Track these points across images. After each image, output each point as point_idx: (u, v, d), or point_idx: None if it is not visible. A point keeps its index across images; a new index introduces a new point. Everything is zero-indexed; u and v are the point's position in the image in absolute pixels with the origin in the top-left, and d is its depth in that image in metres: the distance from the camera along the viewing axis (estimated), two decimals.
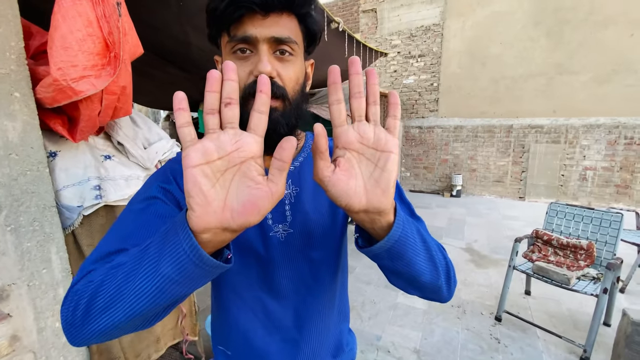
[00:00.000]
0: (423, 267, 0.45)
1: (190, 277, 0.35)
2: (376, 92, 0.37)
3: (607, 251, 2.19)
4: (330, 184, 0.37)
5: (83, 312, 0.37)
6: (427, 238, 0.48)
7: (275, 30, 0.47)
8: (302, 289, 0.60)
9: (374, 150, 0.38)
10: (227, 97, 0.33)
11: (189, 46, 2.31)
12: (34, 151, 0.96)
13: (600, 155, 5.24)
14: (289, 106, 0.50)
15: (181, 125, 0.33)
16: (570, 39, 5.18)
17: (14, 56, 0.93)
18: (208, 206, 0.33)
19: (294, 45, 0.49)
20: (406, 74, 6.57)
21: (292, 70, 0.50)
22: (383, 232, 0.41)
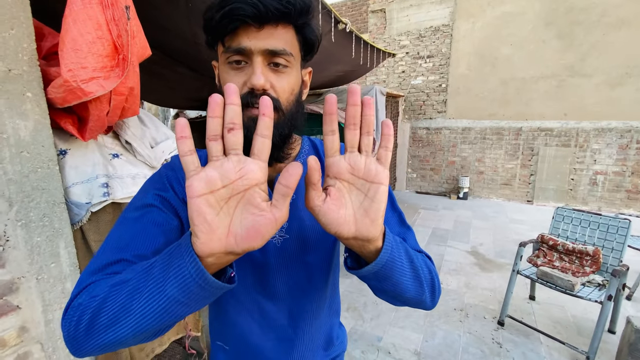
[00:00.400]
0: (409, 285, 0.47)
1: (195, 298, 0.37)
2: (370, 123, 0.38)
3: (614, 257, 2.16)
4: (321, 213, 0.38)
5: (86, 326, 0.38)
6: (414, 257, 0.49)
7: (270, 42, 0.47)
8: (296, 292, 0.62)
9: (364, 181, 0.39)
10: (230, 122, 0.33)
11: (198, 46, 2.34)
12: (44, 149, 1.00)
13: (611, 160, 5.14)
14: (283, 117, 0.51)
15: (184, 154, 0.33)
16: (582, 40, 5.10)
17: (26, 57, 0.96)
18: (212, 233, 0.34)
19: (289, 57, 0.49)
20: (414, 75, 6.54)
21: (286, 82, 0.50)
22: (371, 255, 0.42)
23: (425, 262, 0.53)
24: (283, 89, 0.50)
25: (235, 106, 0.33)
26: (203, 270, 0.34)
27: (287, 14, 0.47)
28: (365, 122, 0.38)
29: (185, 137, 0.32)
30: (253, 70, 0.47)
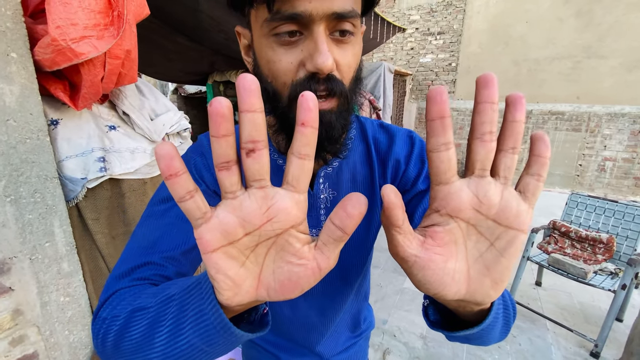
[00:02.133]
0: (495, 337, 0.38)
1: (220, 346, 0.29)
2: (519, 133, 0.24)
3: (628, 246, 2.10)
4: (418, 266, 0.25)
5: (113, 347, 0.34)
6: (508, 302, 0.39)
7: (335, 3, 0.35)
8: (329, 289, 0.58)
9: (494, 223, 0.25)
10: (250, 142, 0.22)
11: (200, 14, 2.19)
12: (33, 118, 0.90)
13: (621, 146, 5.02)
14: (344, 103, 0.41)
15: (182, 199, 0.22)
16: (601, 20, 4.85)
17: (9, 12, 0.85)
18: (238, 288, 0.25)
19: (356, 20, 0.38)
20: (424, 52, 6.29)
21: (351, 55, 0.40)
22: (470, 315, 0.32)
23: (512, 301, 0.41)
24: (349, 66, 0.40)
25: (255, 114, 0.21)
26: (226, 322, 0.27)
27: None
28: (510, 131, 0.24)
29: (176, 174, 0.21)
30: (316, 45, 0.36)
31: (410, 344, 1.94)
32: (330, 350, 0.65)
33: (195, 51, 3.00)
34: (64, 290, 1.02)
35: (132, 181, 1.18)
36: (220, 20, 2.23)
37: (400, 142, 0.53)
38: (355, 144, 0.54)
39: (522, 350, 1.91)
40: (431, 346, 1.93)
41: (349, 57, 0.39)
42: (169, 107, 1.30)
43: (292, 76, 0.38)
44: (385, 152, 0.53)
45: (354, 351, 0.69)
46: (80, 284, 1.06)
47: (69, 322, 1.04)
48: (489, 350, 1.90)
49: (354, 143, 0.54)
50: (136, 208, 1.21)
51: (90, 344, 1.12)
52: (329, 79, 0.38)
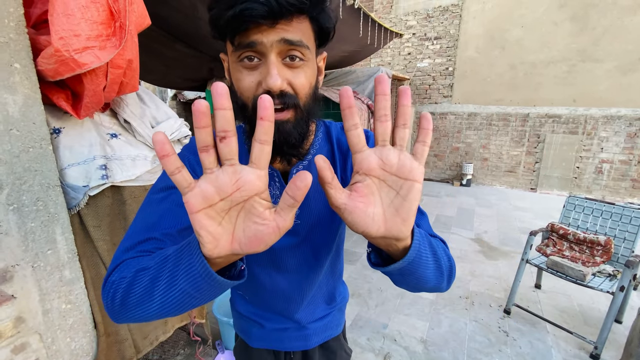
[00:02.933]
0: (430, 277, 0.46)
1: (205, 292, 0.38)
2: (407, 114, 0.35)
3: (625, 248, 2.11)
4: (347, 212, 0.36)
5: (120, 303, 0.42)
6: (437, 248, 0.48)
7: (284, 34, 0.44)
8: (304, 267, 0.67)
9: (396, 177, 0.36)
10: (222, 131, 0.30)
11: (198, 22, 2.21)
12: (36, 127, 0.91)
13: (618, 148, 5.06)
14: (301, 114, 0.50)
15: (172, 173, 0.30)
16: (595, 24, 4.92)
17: (12, 23, 0.86)
18: (217, 242, 0.33)
19: (304, 49, 0.46)
20: (421, 57, 6.34)
21: (303, 76, 0.48)
22: (398, 252, 0.41)
23: (445, 250, 0.52)
24: (302, 85, 0.48)
25: (225, 111, 0.29)
26: (210, 270, 0.35)
27: (302, 7, 0.44)
28: (402, 112, 0.35)
29: (167, 154, 0.29)
30: (268, 69, 0.45)
31: (410, 348, 1.94)
32: (307, 317, 0.73)
33: (194, 58, 3.02)
34: (66, 297, 1.02)
35: (134, 188, 1.19)
36: None
37: None
38: (322, 145, 0.63)
39: (522, 353, 1.91)
40: (432, 350, 1.93)
41: (300, 78, 0.48)
42: (170, 115, 1.31)
43: (253, 92, 0.47)
44: (345, 151, 0.63)
45: (329, 320, 0.78)
46: (81, 291, 1.07)
47: (70, 329, 1.05)
48: (489, 354, 1.90)
49: (320, 144, 0.63)
50: None
51: (92, 351, 1.12)
52: (282, 95, 0.46)
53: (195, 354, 1.71)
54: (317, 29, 0.49)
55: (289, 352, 0.78)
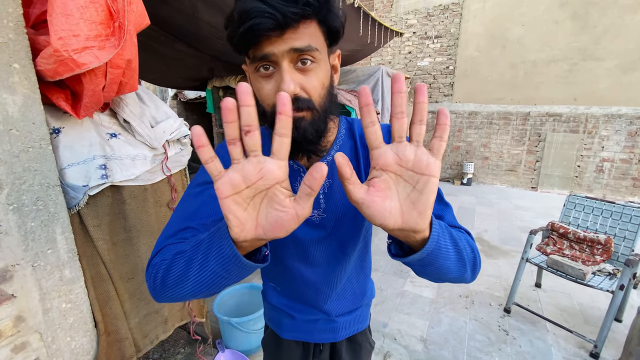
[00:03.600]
0: (452, 268, 0.47)
1: (234, 273, 0.41)
2: (423, 110, 0.36)
3: (625, 247, 2.11)
4: (365, 206, 0.38)
5: (160, 283, 0.47)
6: (458, 240, 0.48)
7: (293, 42, 0.47)
8: (332, 260, 0.70)
9: (412, 172, 0.37)
10: (246, 125, 0.33)
11: (198, 21, 2.21)
12: (35, 127, 0.91)
13: (619, 147, 5.05)
14: (317, 114, 0.53)
15: (206, 162, 0.34)
16: (596, 22, 4.90)
17: (11, 24, 0.86)
18: (243, 226, 0.37)
19: (314, 52, 0.49)
20: (421, 56, 6.33)
21: (315, 78, 0.51)
22: (417, 244, 0.42)
23: (468, 240, 0.53)
24: (314, 87, 0.51)
25: (249, 107, 0.32)
26: (236, 253, 0.38)
27: (307, 12, 0.46)
28: (418, 109, 0.35)
29: (203, 145, 0.33)
30: (281, 76, 0.48)
31: (410, 347, 1.95)
32: (336, 310, 0.76)
33: (194, 57, 3.02)
34: (66, 296, 1.03)
35: (133, 188, 1.20)
36: (219, 27, 2.25)
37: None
38: (344, 141, 0.66)
39: (522, 352, 1.91)
40: (432, 349, 1.93)
41: (312, 81, 0.51)
42: (169, 114, 1.32)
43: (272, 99, 0.51)
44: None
45: (358, 314, 0.81)
46: (82, 291, 1.07)
47: (70, 328, 1.05)
48: (489, 353, 1.90)
49: (344, 140, 0.65)
50: (137, 214, 1.22)
51: (92, 350, 1.12)
52: (296, 99, 0.49)
53: (196, 352, 1.71)
54: (325, 29, 0.51)
55: (318, 344, 0.82)
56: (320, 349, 0.82)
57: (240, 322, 1.71)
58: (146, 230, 1.27)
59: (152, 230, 1.29)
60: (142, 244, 1.26)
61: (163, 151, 1.26)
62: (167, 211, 1.35)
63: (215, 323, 2.01)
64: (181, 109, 6.75)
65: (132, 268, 1.25)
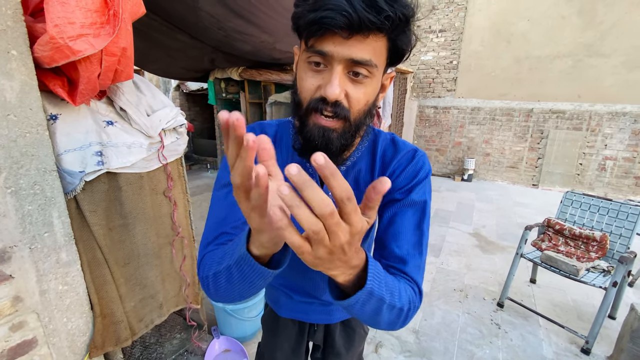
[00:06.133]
0: (365, 319, 0.47)
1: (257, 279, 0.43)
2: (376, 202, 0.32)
3: (621, 244, 2.12)
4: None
5: (214, 293, 0.50)
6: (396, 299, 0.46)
7: (355, 51, 0.45)
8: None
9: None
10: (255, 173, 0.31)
11: (199, 12, 2.21)
12: (33, 113, 0.93)
13: (622, 145, 5.01)
14: (349, 127, 0.51)
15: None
16: (603, 18, 4.83)
17: (10, 11, 0.88)
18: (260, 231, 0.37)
19: (372, 68, 0.47)
20: (425, 50, 6.28)
21: (363, 92, 0.49)
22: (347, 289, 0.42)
23: (410, 299, 0.50)
24: (358, 100, 0.49)
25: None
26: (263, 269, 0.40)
27: (382, 25, 0.43)
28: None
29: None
30: (330, 78, 0.46)
31: (402, 338, 1.98)
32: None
33: (195, 48, 3.02)
34: (63, 279, 1.06)
35: (129, 175, 1.22)
36: (220, 17, 2.25)
37: (402, 157, 0.62)
38: (364, 154, 0.64)
39: (513, 346, 1.94)
40: (423, 340, 1.96)
41: (359, 93, 0.49)
42: (166, 103, 1.33)
43: (311, 94, 0.49)
44: (387, 163, 0.63)
45: None
46: (78, 274, 1.10)
47: (67, 309, 1.08)
48: (480, 345, 1.93)
49: (363, 152, 0.64)
50: (133, 201, 1.25)
51: (88, 331, 1.16)
52: (336, 104, 0.48)
53: (191, 338, 1.75)
54: (392, 48, 0.49)
55: (313, 324, 0.86)
56: (315, 329, 0.87)
57: (235, 309, 1.75)
58: (142, 217, 1.29)
59: (147, 217, 1.31)
60: (138, 230, 1.29)
61: (159, 140, 1.28)
62: (162, 199, 1.37)
63: (211, 310, 2.05)
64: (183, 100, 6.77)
65: (128, 253, 1.28)
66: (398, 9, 0.43)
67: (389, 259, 0.57)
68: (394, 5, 0.43)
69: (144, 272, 1.35)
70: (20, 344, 0.97)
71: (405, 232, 0.58)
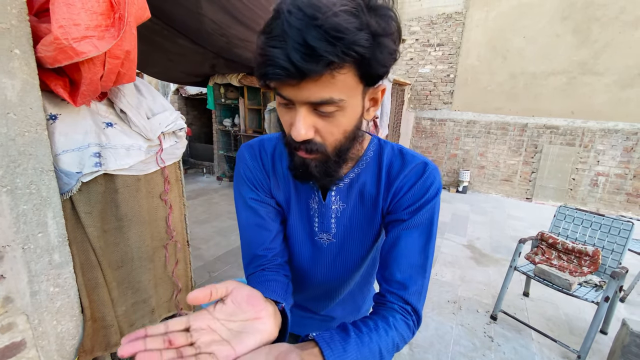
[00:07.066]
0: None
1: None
2: None
3: (613, 259, 2.14)
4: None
5: None
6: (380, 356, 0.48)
7: (311, 94, 0.43)
8: (334, 280, 0.72)
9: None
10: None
11: (201, 17, 2.24)
12: (32, 112, 0.93)
13: (614, 162, 5.10)
14: (328, 157, 0.51)
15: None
16: (597, 37, 4.96)
17: (15, 10, 0.88)
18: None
19: (337, 104, 0.44)
20: (423, 63, 6.38)
21: (335, 125, 0.47)
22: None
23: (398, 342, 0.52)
24: (331, 133, 0.48)
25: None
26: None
27: (328, 67, 0.39)
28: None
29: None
30: (295, 119, 0.46)
31: None
32: (331, 314, 0.81)
33: (196, 53, 3.04)
34: (54, 280, 1.04)
35: (126, 177, 1.21)
36: (222, 24, 2.28)
37: (411, 171, 0.59)
38: (370, 165, 0.62)
39: (505, 359, 1.93)
40: (416, 352, 1.95)
41: (331, 127, 0.47)
42: (166, 107, 1.34)
43: (288, 130, 0.49)
44: (394, 177, 0.60)
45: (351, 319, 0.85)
46: (70, 276, 1.09)
47: (57, 312, 1.06)
48: (473, 358, 1.92)
49: (369, 164, 0.61)
50: (129, 203, 1.24)
51: (78, 335, 1.14)
52: (308, 142, 0.48)
53: None
54: (364, 74, 0.44)
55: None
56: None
57: None
58: (137, 220, 1.28)
59: (143, 220, 1.30)
60: (133, 233, 1.28)
61: (158, 143, 1.28)
62: (159, 202, 1.37)
63: None
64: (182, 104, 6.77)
65: (122, 256, 1.27)
66: (344, 47, 0.38)
67: (390, 284, 0.56)
68: (337, 45, 0.38)
69: (137, 275, 1.34)
70: (9, 345, 0.94)
71: (410, 255, 0.57)
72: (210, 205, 4.59)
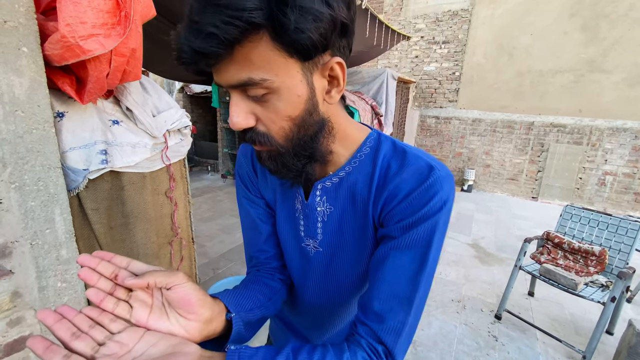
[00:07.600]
0: None
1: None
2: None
3: (620, 259, 2.11)
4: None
5: None
6: None
7: (228, 77, 0.38)
8: (327, 305, 0.64)
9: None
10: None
11: None
12: (40, 109, 0.94)
13: (622, 161, 5.03)
14: (281, 149, 0.44)
15: None
16: (606, 35, 4.88)
17: (22, 9, 0.89)
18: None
19: (263, 84, 0.38)
20: (428, 61, 6.34)
21: (272, 111, 0.41)
22: None
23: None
24: (272, 120, 0.42)
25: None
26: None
27: (226, 43, 0.34)
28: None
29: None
30: (230, 107, 0.42)
31: None
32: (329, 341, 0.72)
33: None
34: (62, 276, 1.06)
35: (132, 174, 1.22)
36: None
37: (411, 174, 0.47)
38: (363, 163, 0.51)
39: (509, 358, 1.92)
40: (420, 350, 1.95)
41: (270, 113, 0.41)
42: (171, 105, 1.35)
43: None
44: (389, 180, 0.48)
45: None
46: (77, 271, 1.10)
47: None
48: (477, 357, 1.92)
49: (362, 162, 0.51)
50: (135, 200, 1.25)
51: None
52: (251, 130, 0.43)
53: None
54: (287, 43, 0.36)
55: None
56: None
57: None
58: (143, 217, 1.30)
59: (148, 217, 1.32)
60: (139, 229, 1.29)
61: (163, 140, 1.29)
62: (164, 199, 1.38)
63: None
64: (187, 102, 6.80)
65: (128, 253, 1.28)
66: (227, 17, 0.33)
67: (365, 313, 0.47)
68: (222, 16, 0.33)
69: None
70: (18, 339, 0.96)
71: (394, 282, 0.46)
72: (214, 203, 4.62)
